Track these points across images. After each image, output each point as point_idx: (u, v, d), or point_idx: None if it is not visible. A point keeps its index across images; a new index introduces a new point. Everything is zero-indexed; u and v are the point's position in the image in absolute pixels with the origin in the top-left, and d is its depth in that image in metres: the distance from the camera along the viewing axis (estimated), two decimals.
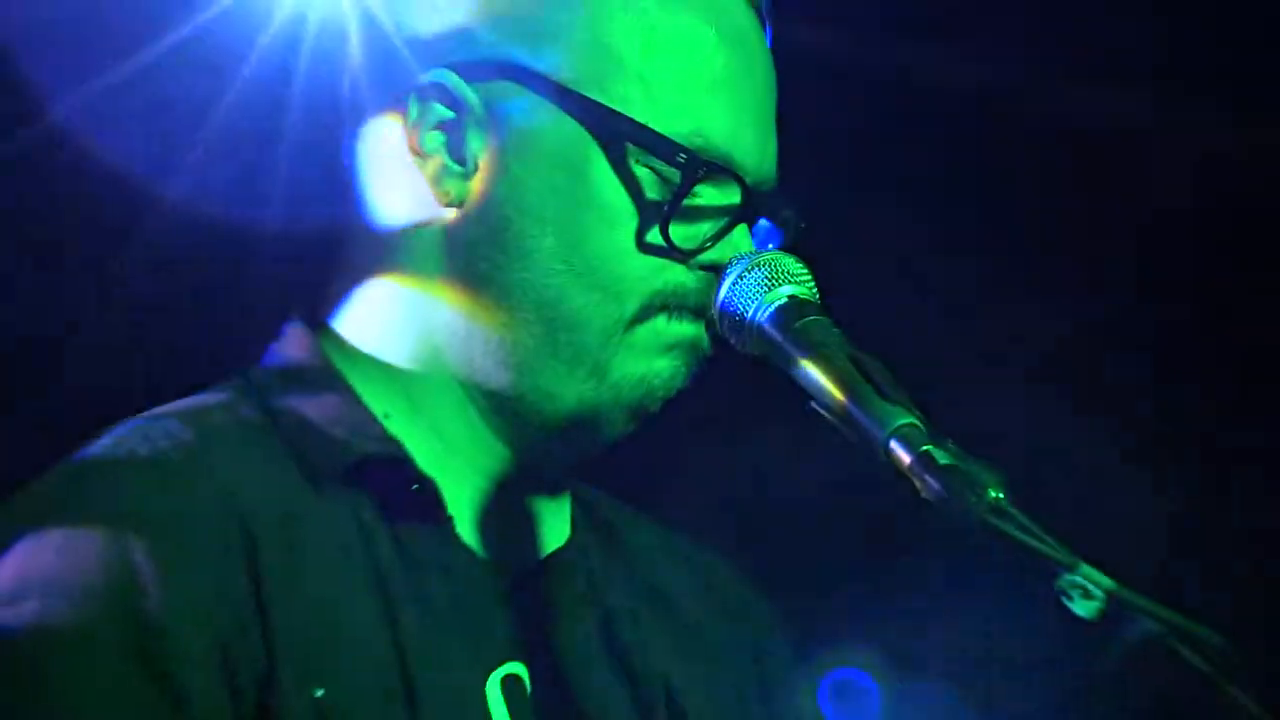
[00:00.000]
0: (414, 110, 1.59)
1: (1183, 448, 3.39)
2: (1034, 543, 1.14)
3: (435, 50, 1.60)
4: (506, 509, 1.67)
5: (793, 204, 1.70)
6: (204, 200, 2.36)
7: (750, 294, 1.49)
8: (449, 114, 1.58)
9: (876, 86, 3.18)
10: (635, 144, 1.54)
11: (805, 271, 1.51)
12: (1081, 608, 1.10)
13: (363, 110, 1.67)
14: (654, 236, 1.55)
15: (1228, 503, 3.48)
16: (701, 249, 1.57)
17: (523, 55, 1.57)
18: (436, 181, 1.59)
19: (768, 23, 1.70)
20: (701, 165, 1.53)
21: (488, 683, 1.53)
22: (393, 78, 1.62)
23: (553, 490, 1.72)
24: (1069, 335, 3.42)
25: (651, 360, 1.60)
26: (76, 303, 2.60)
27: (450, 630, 1.53)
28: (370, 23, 1.65)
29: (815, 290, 1.50)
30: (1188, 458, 3.38)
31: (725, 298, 1.52)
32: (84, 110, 2.32)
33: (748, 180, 1.58)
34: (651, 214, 1.55)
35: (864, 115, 3.32)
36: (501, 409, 1.62)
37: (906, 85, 3.25)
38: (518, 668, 1.57)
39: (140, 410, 1.55)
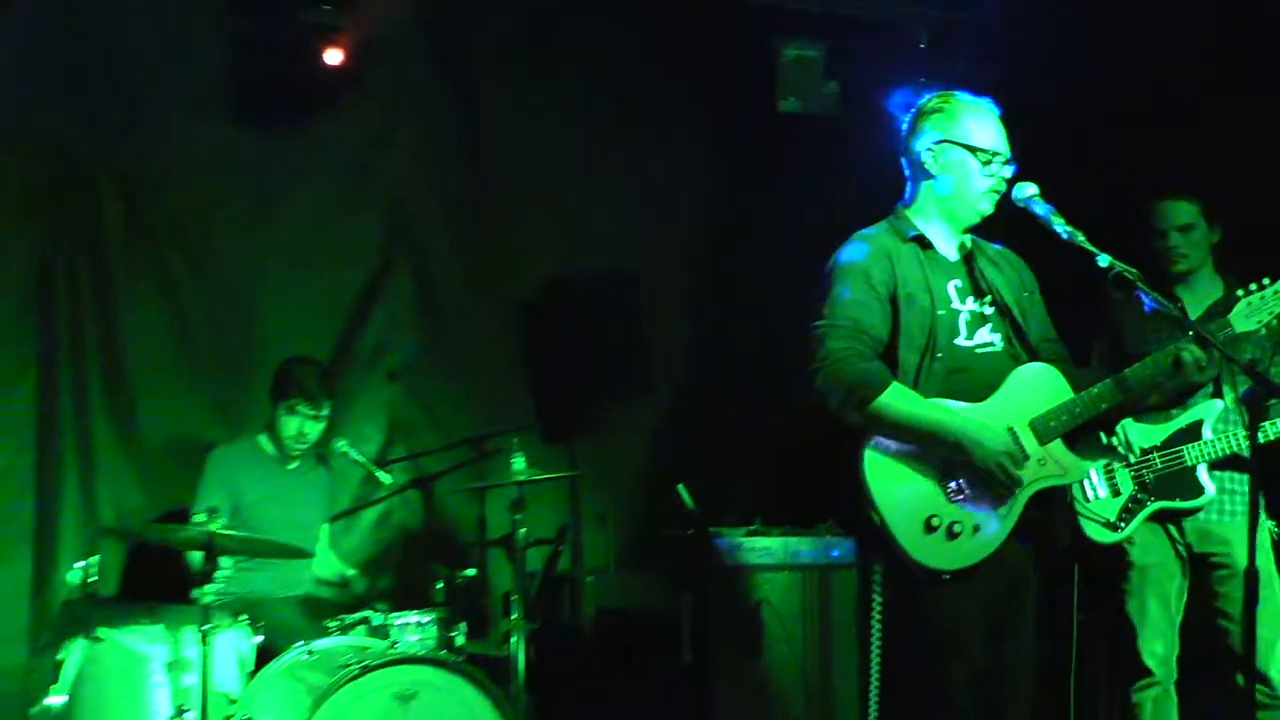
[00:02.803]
0: (921, 154, 4.29)
1: None
2: (1095, 250, 3.97)
3: (922, 137, 4.29)
4: (953, 243, 4.35)
5: (1015, 164, 4.32)
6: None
7: (1021, 190, 4.16)
8: (928, 151, 4.26)
9: None
10: (974, 150, 4.18)
11: (1035, 185, 4.18)
12: (1102, 261, 4.00)
13: (911, 151, 4.36)
14: (982, 174, 4.19)
15: None
16: (996, 177, 4.21)
17: (944, 134, 4.24)
18: (924, 168, 4.29)
19: (999, 107, 4.40)
20: (993, 155, 4.19)
21: (948, 283, 4.25)
22: (915, 144, 4.31)
23: (963, 235, 4.39)
24: None
25: (987, 202, 4.22)
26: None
27: (938, 272, 4.22)
28: (902, 132, 4.44)
29: (1038, 188, 4.17)
30: None
31: (1015, 194, 4.18)
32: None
33: (1005, 157, 4.22)
34: (982, 167, 4.18)
35: None
36: (949, 217, 4.30)
37: None
38: (960, 279, 4.27)
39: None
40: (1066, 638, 6.05)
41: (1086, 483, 5.70)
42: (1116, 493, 5.71)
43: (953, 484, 4.29)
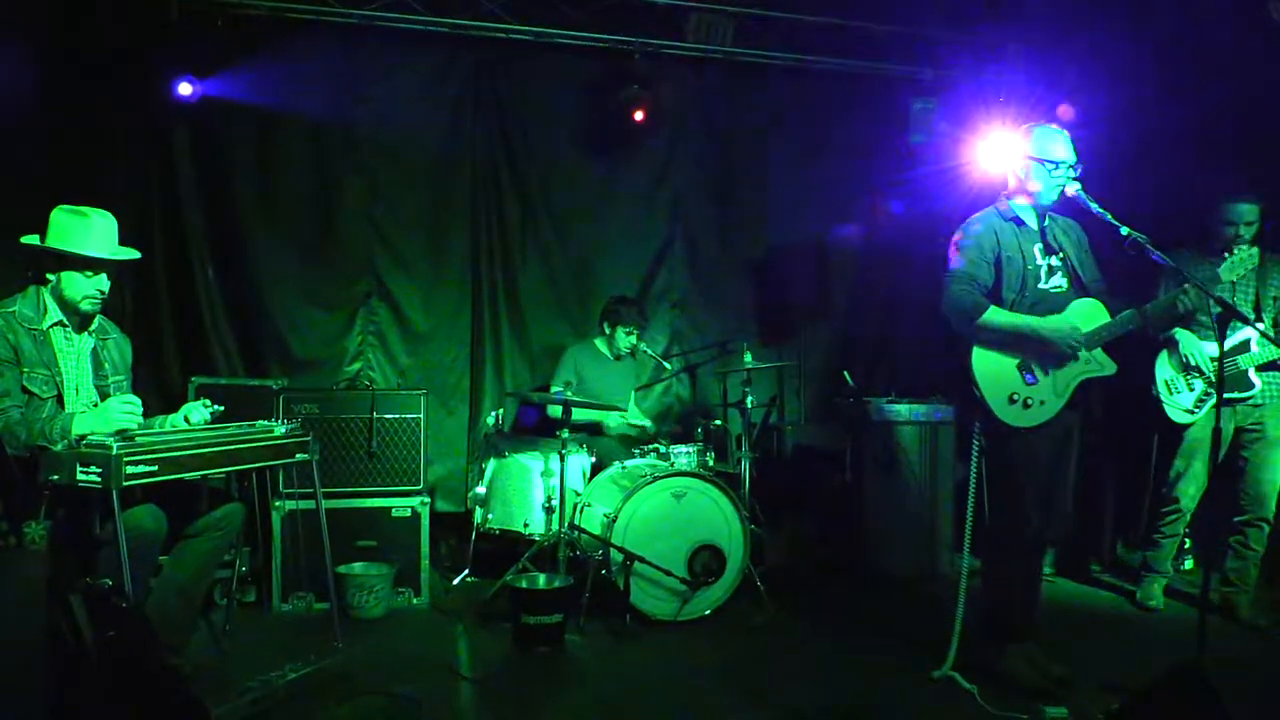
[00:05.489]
0: (1015, 165, 5.38)
1: None
2: (1118, 222, 4.90)
3: (1015, 154, 5.39)
4: (1035, 219, 5.38)
5: (1077, 167, 5.28)
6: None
7: (1071, 186, 5.16)
8: (1023, 165, 5.34)
9: None
10: (1045, 162, 5.27)
11: (1080, 184, 5.17)
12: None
13: (1009, 163, 5.39)
14: (1050, 177, 5.24)
15: None
16: (1061, 178, 5.21)
17: (1027, 152, 5.30)
18: (1017, 174, 5.38)
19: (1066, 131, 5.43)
20: (1058, 164, 5.25)
21: (1033, 246, 5.37)
22: (1011, 158, 5.40)
23: (1041, 213, 5.43)
24: None
25: (1055, 193, 5.24)
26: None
27: (1027, 240, 5.32)
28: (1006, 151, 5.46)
29: (1081, 185, 5.21)
30: None
31: (1068, 190, 5.22)
32: None
33: (1069, 163, 5.23)
34: (1051, 172, 5.22)
35: None
36: (1034, 200, 5.34)
37: None
38: (1040, 244, 5.35)
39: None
40: (1145, 477, 7.59)
41: (1172, 384, 6.72)
42: (1192, 390, 6.74)
43: (1027, 375, 5.23)
